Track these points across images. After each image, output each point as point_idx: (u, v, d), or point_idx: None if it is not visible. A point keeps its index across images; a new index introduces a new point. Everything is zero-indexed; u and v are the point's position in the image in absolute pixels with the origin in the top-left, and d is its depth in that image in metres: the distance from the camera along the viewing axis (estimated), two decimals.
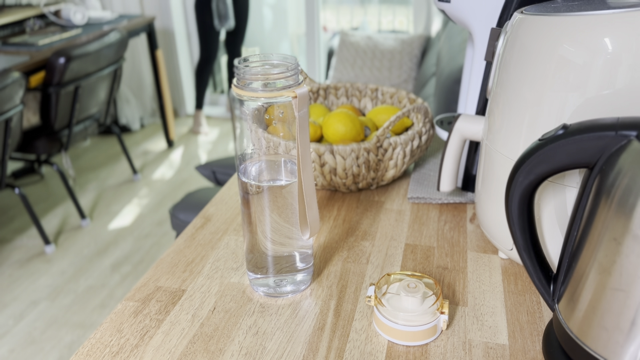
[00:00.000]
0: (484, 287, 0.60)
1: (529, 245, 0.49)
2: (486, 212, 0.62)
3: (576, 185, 0.51)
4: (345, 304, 0.58)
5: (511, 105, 0.54)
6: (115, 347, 0.52)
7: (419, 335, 0.51)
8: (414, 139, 0.78)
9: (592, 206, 0.42)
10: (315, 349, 0.52)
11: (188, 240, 0.70)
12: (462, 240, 0.69)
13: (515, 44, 0.53)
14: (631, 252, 0.38)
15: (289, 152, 0.53)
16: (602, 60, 0.46)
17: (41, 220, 2.36)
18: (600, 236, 0.41)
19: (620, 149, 0.40)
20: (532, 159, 0.45)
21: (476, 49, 0.71)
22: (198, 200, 1.49)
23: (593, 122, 0.42)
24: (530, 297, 0.58)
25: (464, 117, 0.66)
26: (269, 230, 0.55)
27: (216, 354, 0.51)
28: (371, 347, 0.52)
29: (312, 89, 0.96)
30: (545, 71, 0.50)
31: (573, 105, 0.48)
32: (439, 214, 0.75)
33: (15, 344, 1.71)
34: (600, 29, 0.46)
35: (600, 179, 0.41)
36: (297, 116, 0.49)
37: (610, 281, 0.40)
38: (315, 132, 0.83)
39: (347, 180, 0.77)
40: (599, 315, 0.42)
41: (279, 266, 0.57)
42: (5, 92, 1.78)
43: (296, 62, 0.49)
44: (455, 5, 0.70)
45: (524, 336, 0.53)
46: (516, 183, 0.47)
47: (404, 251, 0.67)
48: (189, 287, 0.61)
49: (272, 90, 0.48)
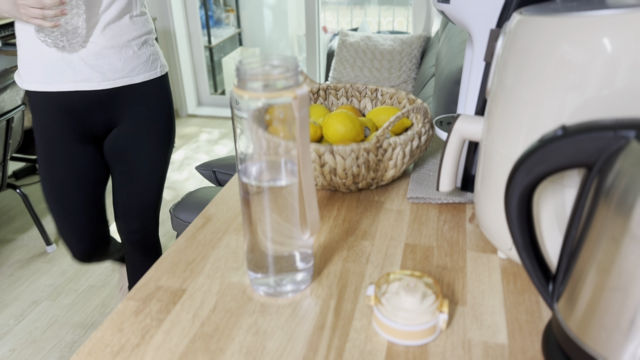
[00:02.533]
0: (483, 287, 0.60)
1: (528, 245, 0.49)
2: (485, 212, 0.62)
3: (575, 186, 0.51)
4: (345, 304, 0.58)
5: (510, 105, 0.54)
6: (116, 347, 0.52)
7: (418, 334, 0.51)
8: (413, 139, 0.78)
9: (591, 206, 0.42)
10: (315, 348, 0.52)
11: (189, 240, 0.70)
12: (462, 240, 0.69)
13: (514, 45, 0.53)
14: (630, 251, 0.38)
15: (289, 153, 0.53)
16: (601, 61, 0.46)
17: (42, 220, 2.36)
18: (599, 236, 0.41)
19: (619, 150, 0.40)
20: (531, 159, 0.45)
21: (475, 49, 0.72)
22: (198, 200, 1.50)
23: (592, 123, 0.42)
24: (530, 296, 0.58)
25: (463, 118, 0.66)
26: (269, 230, 0.55)
27: (217, 353, 0.52)
28: (371, 346, 0.52)
29: (312, 89, 0.96)
30: (544, 72, 0.50)
31: (572, 106, 0.49)
32: (439, 214, 0.75)
33: (16, 343, 1.71)
34: (599, 29, 0.46)
35: (599, 179, 0.41)
36: (297, 116, 0.49)
37: (609, 281, 0.40)
38: (315, 132, 0.83)
39: (347, 180, 0.77)
40: (598, 314, 0.42)
41: (279, 266, 0.58)
42: (6, 92, 1.78)
43: (296, 63, 0.50)
44: (455, 6, 0.70)
45: (523, 336, 0.53)
46: (515, 183, 0.47)
47: (404, 251, 0.67)
48: (189, 286, 0.61)
49: (272, 90, 0.48)
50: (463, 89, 0.82)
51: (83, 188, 1.31)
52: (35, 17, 1.03)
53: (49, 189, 1.31)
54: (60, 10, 1.04)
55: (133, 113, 1.27)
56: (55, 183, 1.29)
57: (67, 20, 1.08)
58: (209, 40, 3.85)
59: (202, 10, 3.71)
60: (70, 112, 1.22)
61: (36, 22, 1.04)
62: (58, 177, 1.29)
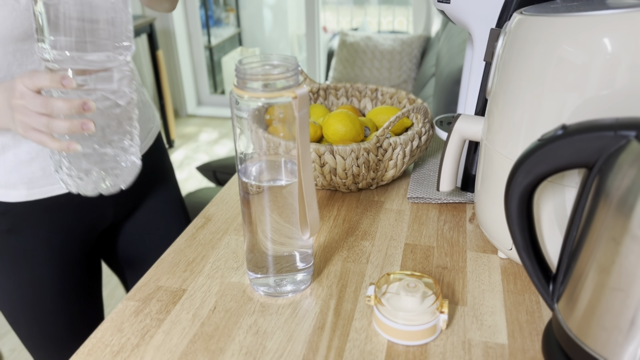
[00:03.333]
0: (484, 287, 0.60)
1: (528, 245, 0.49)
2: (486, 212, 0.62)
3: (575, 186, 0.51)
4: (345, 304, 0.58)
5: (510, 105, 0.54)
6: (116, 347, 0.52)
7: (418, 334, 0.51)
8: (413, 139, 0.78)
9: (591, 206, 0.42)
10: (315, 348, 0.52)
11: (189, 240, 0.70)
12: (462, 240, 0.69)
13: (514, 45, 0.53)
14: (630, 252, 0.38)
15: (289, 152, 0.53)
16: (601, 61, 0.46)
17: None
18: (599, 236, 0.41)
19: (619, 149, 0.40)
20: (531, 159, 0.45)
21: (476, 49, 0.72)
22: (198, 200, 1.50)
23: (592, 123, 0.42)
24: (530, 296, 0.58)
25: (463, 118, 0.66)
26: (269, 230, 0.55)
27: (217, 353, 0.51)
28: (371, 346, 0.52)
29: (312, 89, 0.96)
30: (544, 71, 0.50)
31: (572, 106, 0.48)
32: (439, 214, 0.75)
33: (16, 343, 1.71)
34: (600, 29, 0.46)
35: (599, 179, 0.41)
36: (297, 116, 0.49)
37: (609, 281, 0.40)
38: (315, 132, 0.83)
39: (347, 180, 0.77)
40: (598, 315, 0.42)
41: (279, 266, 0.58)
42: None
43: (296, 63, 0.49)
44: (455, 5, 0.70)
45: (523, 336, 0.53)
46: (515, 183, 0.47)
47: (404, 251, 0.67)
48: (189, 286, 0.61)
49: (272, 90, 0.48)
50: (463, 89, 0.82)
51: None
52: (37, 130, 0.59)
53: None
54: (81, 125, 0.57)
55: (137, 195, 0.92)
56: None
57: (110, 139, 0.62)
58: (209, 40, 3.84)
59: (202, 10, 3.71)
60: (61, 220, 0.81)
61: (37, 138, 0.59)
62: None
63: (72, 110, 0.56)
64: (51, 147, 0.59)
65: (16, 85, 0.58)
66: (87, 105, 0.56)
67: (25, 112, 0.58)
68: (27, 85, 0.57)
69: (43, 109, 0.57)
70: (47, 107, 0.56)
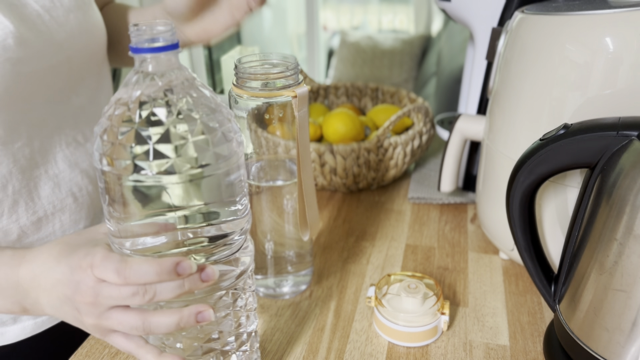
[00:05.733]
0: (485, 288, 0.60)
1: (530, 245, 0.49)
2: (487, 213, 0.62)
3: (577, 185, 0.51)
4: (345, 305, 0.57)
5: (512, 105, 0.54)
6: (114, 348, 0.52)
7: (419, 336, 0.51)
8: (414, 138, 0.78)
9: (593, 206, 0.41)
10: (315, 350, 0.52)
11: None
12: (463, 240, 0.68)
13: (516, 44, 0.53)
14: (632, 252, 0.38)
15: (288, 152, 0.53)
16: (603, 60, 0.45)
17: None
18: (601, 236, 0.40)
19: (621, 149, 0.39)
20: (533, 158, 0.45)
21: (477, 48, 0.71)
22: None
23: (594, 122, 0.42)
24: (532, 297, 0.58)
25: (464, 117, 0.66)
26: (269, 230, 0.55)
27: None
28: (371, 348, 0.52)
29: (312, 88, 0.96)
30: (546, 71, 0.49)
31: (574, 105, 0.48)
32: (440, 214, 0.75)
33: None
34: (602, 28, 0.45)
35: (601, 179, 0.41)
36: (297, 116, 0.49)
37: (611, 282, 0.40)
38: (315, 131, 0.83)
39: (347, 180, 0.77)
40: (600, 316, 0.41)
41: (278, 267, 0.57)
42: None
43: (296, 62, 0.49)
44: (456, 4, 0.70)
45: (524, 337, 0.53)
46: (517, 183, 0.46)
47: (405, 252, 0.66)
48: None
49: (271, 89, 0.48)
50: (464, 88, 0.82)
51: None
52: (124, 335, 0.38)
53: None
54: (196, 314, 0.37)
55: None
56: None
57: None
58: None
59: None
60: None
61: (124, 346, 0.39)
62: None
63: (191, 319, 0.36)
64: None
65: (81, 276, 0.36)
66: (209, 279, 0.36)
67: (107, 318, 0.37)
68: (105, 277, 0.35)
69: (141, 328, 0.36)
70: (145, 324, 0.36)
